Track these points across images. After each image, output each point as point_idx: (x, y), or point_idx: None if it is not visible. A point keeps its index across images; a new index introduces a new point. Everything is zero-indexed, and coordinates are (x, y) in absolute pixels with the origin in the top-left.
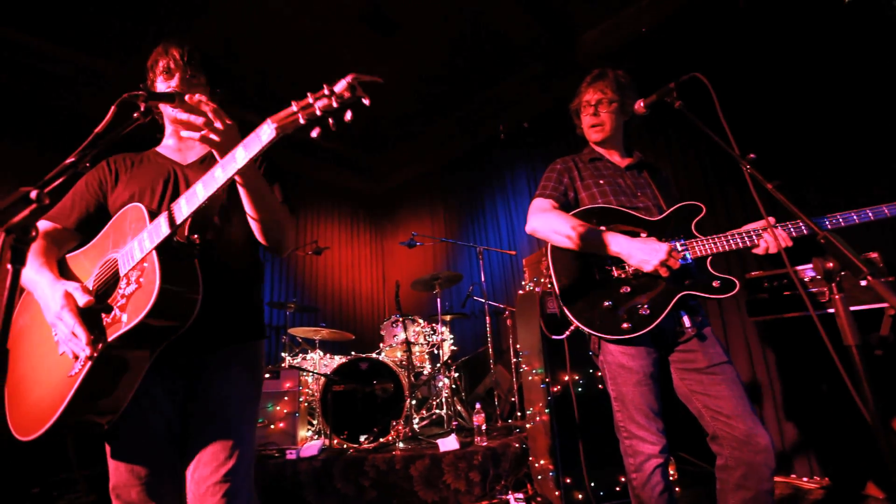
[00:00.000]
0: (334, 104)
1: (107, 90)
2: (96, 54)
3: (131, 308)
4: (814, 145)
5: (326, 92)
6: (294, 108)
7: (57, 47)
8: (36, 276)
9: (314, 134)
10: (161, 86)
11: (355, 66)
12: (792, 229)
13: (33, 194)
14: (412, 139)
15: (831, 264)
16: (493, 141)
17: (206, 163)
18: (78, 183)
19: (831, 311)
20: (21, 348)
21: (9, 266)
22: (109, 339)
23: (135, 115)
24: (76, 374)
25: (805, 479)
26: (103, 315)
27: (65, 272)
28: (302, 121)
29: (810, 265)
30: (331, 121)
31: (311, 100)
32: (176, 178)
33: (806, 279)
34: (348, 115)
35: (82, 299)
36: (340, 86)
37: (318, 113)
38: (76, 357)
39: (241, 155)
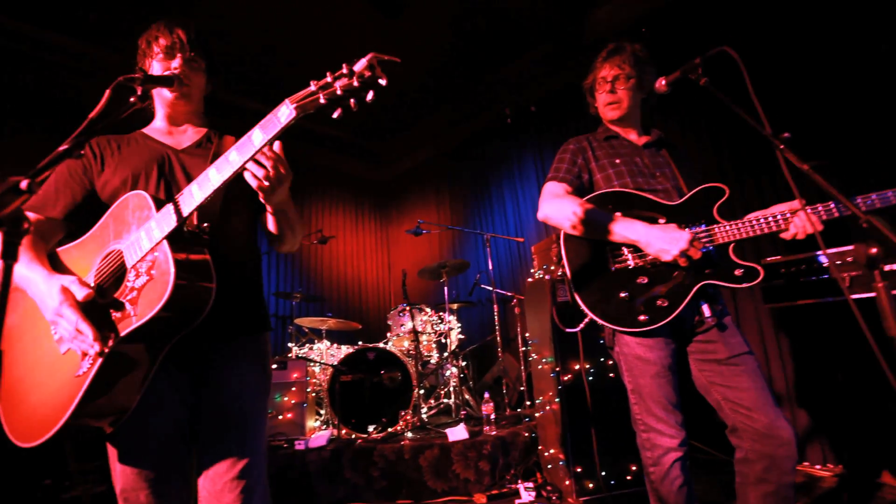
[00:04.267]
0: (355, 83)
1: (103, 77)
2: (91, 41)
3: (143, 301)
4: (838, 126)
5: (346, 71)
6: (313, 87)
7: (52, 34)
8: (27, 272)
9: (335, 115)
10: (157, 65)
11: (359, 48)
12: (822, 211)
13: (24, 184)
14: (417, 125)
15: (875, 250)
16: (499, 125)
17: (201, 147)
18: (58, 169)
19: (853, 297)
20: (13, 349)
21: (0, 261)
22: (122, 334)
23: (132, 99)
24: (84, 373)
25: (818, 466)
26: (111, 310)
27: (58, 267)
28: (322, 101)
29: (826, 251)
30: (352, 101)
31: (330, 79)
32: (171, 162)
33: (825, 265)
34: (370, 96)
35: (80, 293)
36: (360, 65)
37: (338, 93)
38: (84, 355)
39: (259, 137)
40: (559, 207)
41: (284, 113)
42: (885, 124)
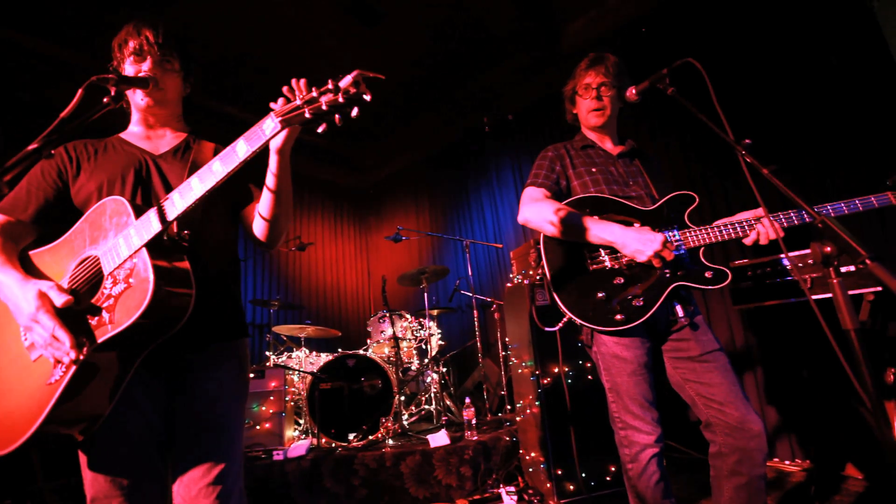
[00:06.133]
0: (340, 99)
1: (74, 79)
2: (62, 43)
3: (121, 309)
4: (795, 136)
5: (331, 86)
6: (298, 101)
7: (22, 35)
8: (0, 275)
9: (320, 130)
10: (129, 68)
11: (338, 57)
12: (783, 219)
13: None
14: (396, 132)
15: (829, 248)
16: (477, 133)
17: (179, 153)
18: (32, 171)
19: (814, 297)
20: None
21: None
22: (99, 342)
23: (104, 99)
24: (57, 381)
25: (787, 461)
26: (87, 317)
27: (31, 271)
28: (308, 115)
29: (790, 254)
30: (337, 117)
31: (315, 94)
32: (148, 168)
33: (788, 267)
34: (355, 112)
35: (59, 299)
36: (346, 81)
37: (324, 108)
38: (57, 363)
39: (243, 149)
40: (539, 211)
41: (269, 126)
42: (839, 132)
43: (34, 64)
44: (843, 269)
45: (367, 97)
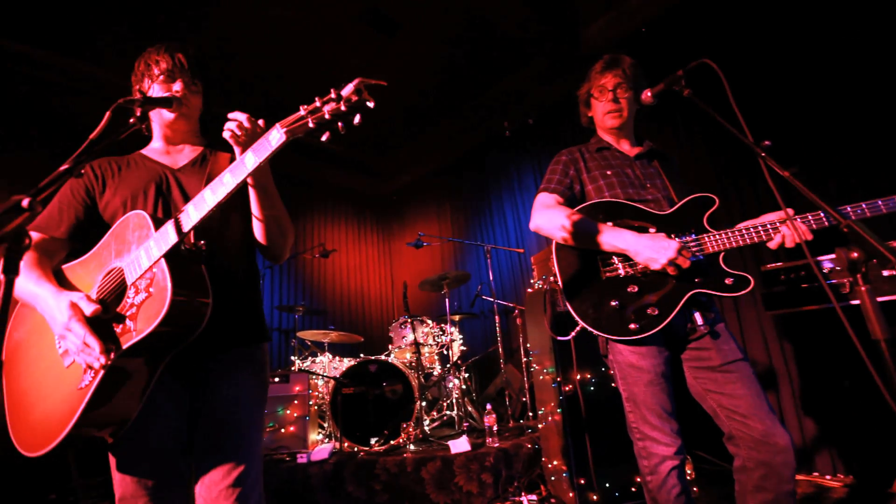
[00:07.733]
0: (343, 108)
1: (106, 98)
2: (96, 62)
3: (143, 317)
4: (828, 133)
5: (334, 95)
6: (302, 111)
7: (57, 55)
8: (36, 288)
9: (324, 138)
10: (158, 88)
11: (357, 67)
12: (812, 221)
13: (25, 202)
14: (417, 139)
15: (856, 254)
16: (498, 138)
17: (197, 165)
18: (62, 190)
19: (853, 302)
20: (20, 363)
21: (1, 276)
22: (124, 348)
23: (131, 120)
24: (87, 385)
25: (828, 476)
26: (114, 324)
27: (64, 283)
28: (311, 125)
29: (828, 256)
30: (340, 124)
31: (318, 103)
32: (168, 182)
33: (824, 270)
34: (357, 119)
35: (89, 308)
36: (347, 89)
37: (327, 116)
38: (89, 368)
39: (251, 160)
40: (550, 218)
41: (275, 137)
42: (867, 130)
43: (71, 82)
44: (885, 273)
45: (370, 104)
